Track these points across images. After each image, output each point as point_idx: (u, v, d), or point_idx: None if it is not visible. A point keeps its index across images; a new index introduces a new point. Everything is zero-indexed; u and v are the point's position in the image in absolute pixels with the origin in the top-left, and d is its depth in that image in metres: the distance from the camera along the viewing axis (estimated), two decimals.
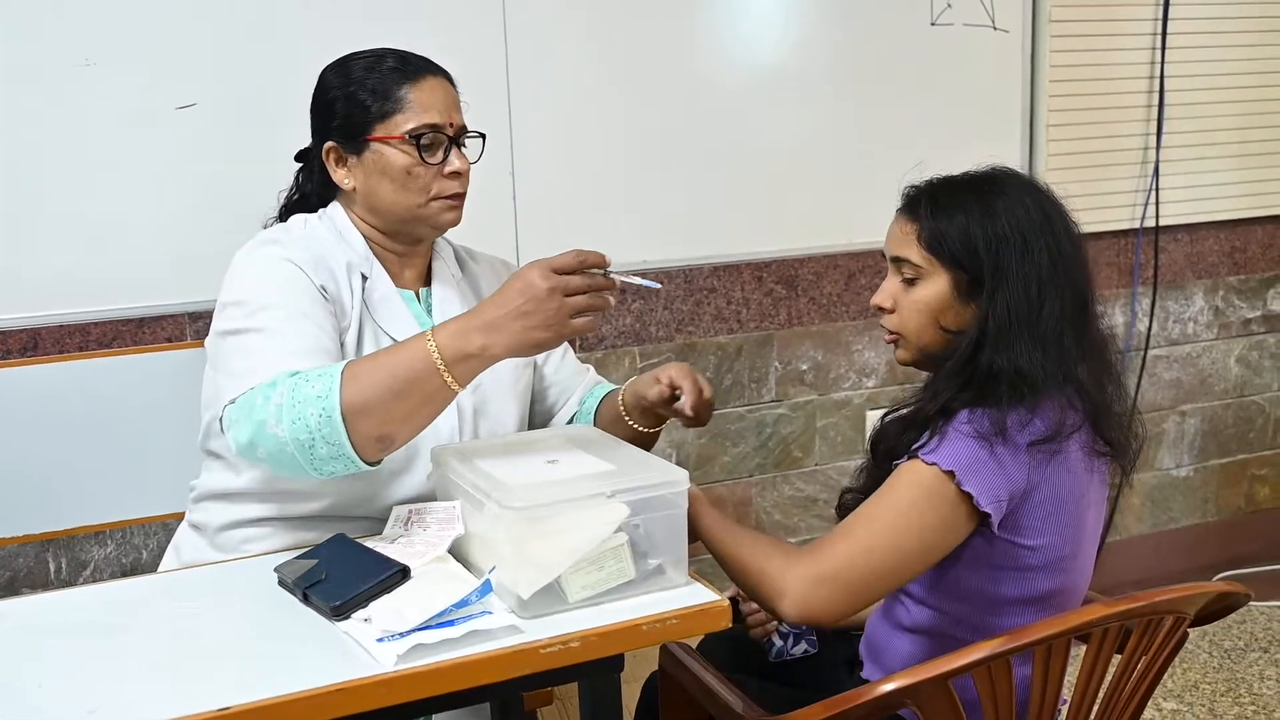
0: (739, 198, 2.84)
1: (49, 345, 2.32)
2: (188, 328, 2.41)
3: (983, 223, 1.51)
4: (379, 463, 1.49)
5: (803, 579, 1.45)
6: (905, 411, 1.57)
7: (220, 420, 1.55)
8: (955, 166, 1.64)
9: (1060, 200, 1.58)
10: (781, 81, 2.85)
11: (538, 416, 1.95)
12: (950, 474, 1.44)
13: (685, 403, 1.70)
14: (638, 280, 1.49)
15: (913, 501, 1.46)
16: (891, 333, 1.61)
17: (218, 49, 2.36)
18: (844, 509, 1.59)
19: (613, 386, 1.96)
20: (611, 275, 1.45)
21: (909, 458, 1.49)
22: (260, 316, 1.56)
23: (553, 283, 1.41)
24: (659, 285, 1.56)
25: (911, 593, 1.61)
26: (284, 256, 1.63)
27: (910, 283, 1.57)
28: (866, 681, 1.65)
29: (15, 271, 2.28)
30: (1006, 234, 1.50)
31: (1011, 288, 1.49)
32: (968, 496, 1.44)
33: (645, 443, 1.80)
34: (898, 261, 1.58)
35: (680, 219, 2.81)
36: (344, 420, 1.41)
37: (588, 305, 1.43)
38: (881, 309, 1.61)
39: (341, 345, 1.64)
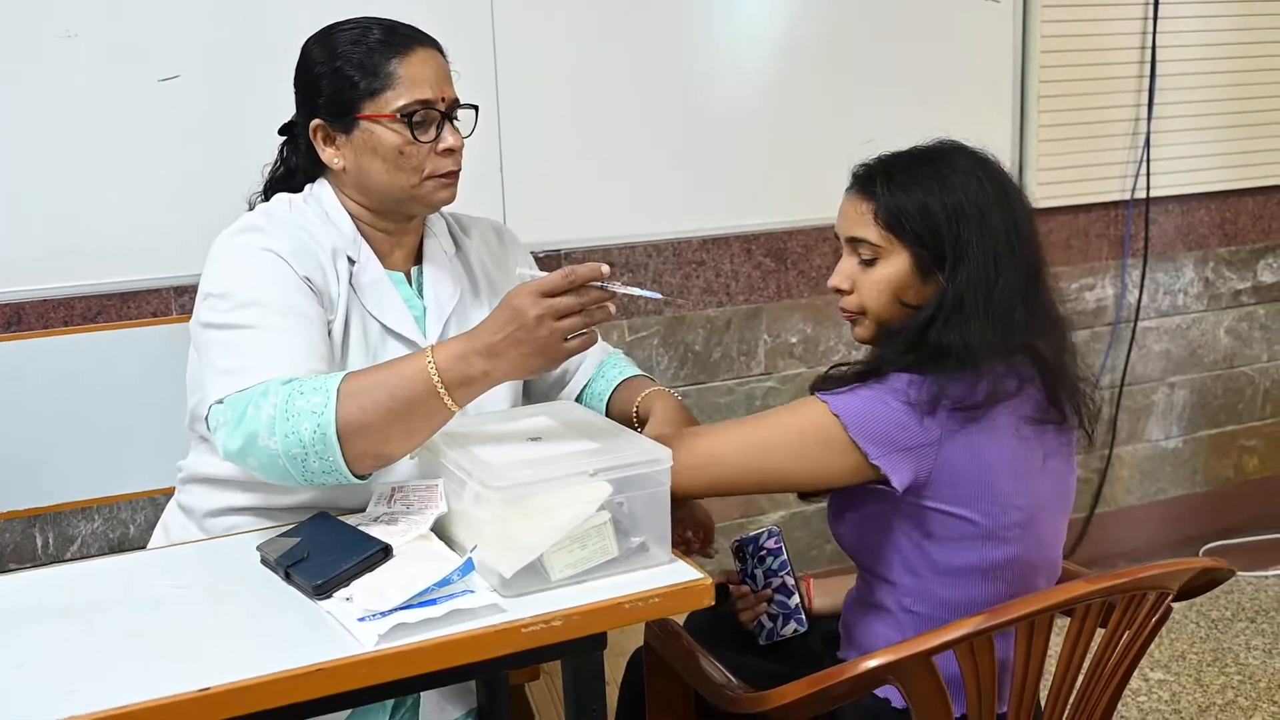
0: (727, 170, 2.83)
1: (33, 320, 2.31)
2: (173, 302, 2.39)
3: (941, 198, 1.50)
4: (368, 477, 1.48)
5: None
6: (846, 369, 1.58)
7: (206, 418, 1.53)
8: (945, 137, 1.62)
9: (1009, 172, 1.57)
10: (771, 53, 2.83)
11: (547, 389, 1.92)
12: (837, 418, 1.46)
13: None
14: (636, 290, 1.45)
15: (787, 425, 1.53)
16: (850, 312, 1.60)
17: (201, 20, 2.33)
18: None
19: (626, 366, 1.92)
20: (609, 287, 1.39)
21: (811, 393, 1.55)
22: (249, 313, 1.53)
23: (540, 310, 1.37)
24: (660, 295, 1.50)
25: (873, 570, 1.62)
26: (266, 246, 1.58)
27: (869, 263, 1.55)
28: (844, 660, 1.66)
29: None
30: (964, 208, 1.49)
31: (972, 262, 1.48)
32: (857, 447, 1.46)
33: None
34: (854, 241, 1.56)
35: (668, 191, 2.79)
36: (339, 438, 1.40)
37: (581, 324, 1.39)
38: (840, 290, 1.59)
39: (329, 335, 1.61)
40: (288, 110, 1.78)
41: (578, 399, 1.92)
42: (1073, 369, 1.55)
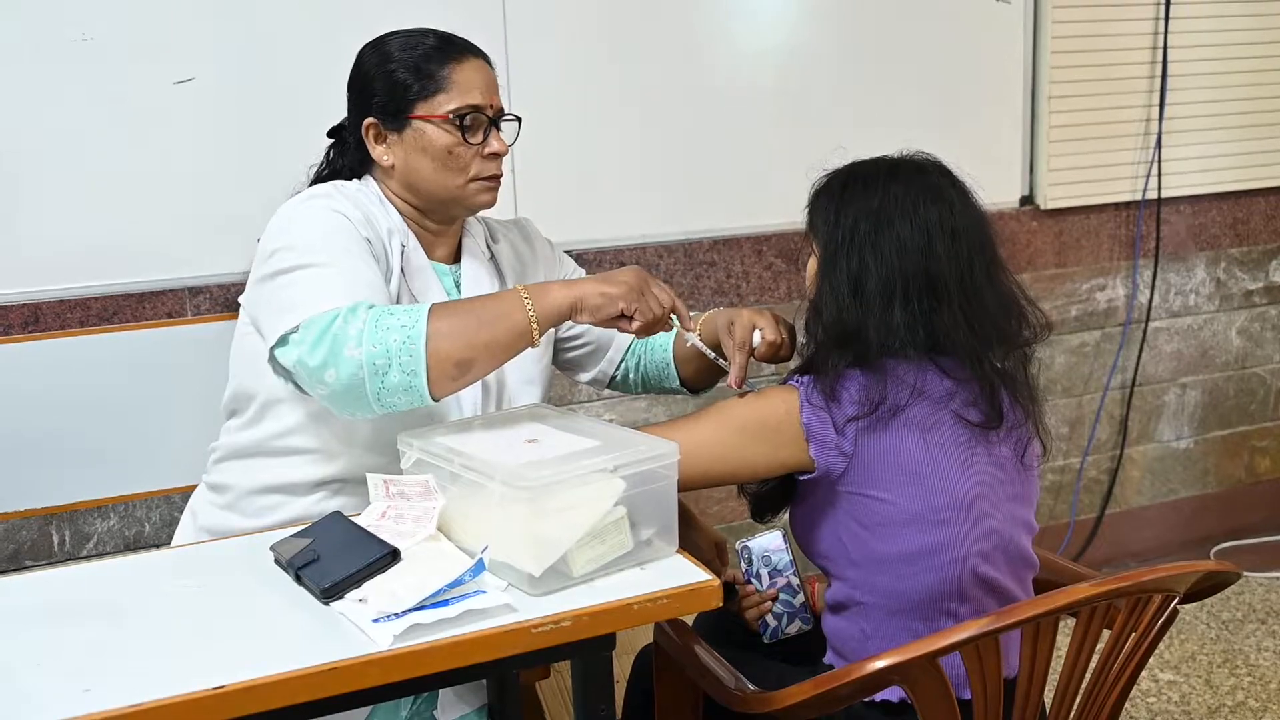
0: (738, 171, 2.84)
1: (50, 320, 2.33)
2: (187, 303, 2.41)
3: (829, 207, 1.64)
4: (439, 399, 1.52)
5: None
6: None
7: (272, 351, 1.56)
8: (956, 138, 1.66)
9: (949, 189, 1.62)
10: (782, 53, 2.84)
11: (580, 369, 2.01)
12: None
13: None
14: (707, 350, 1.75)
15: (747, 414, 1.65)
16: None
17: (215, 23, 2.35)
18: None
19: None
20: (689, 334, 1.71)
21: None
22: (320, 254, 1.57)
23: (645, 274, 1.60)
24: (728, 370, 1.73)
25: (826, 567, 1.68)
26: (335, 209, 1.64)
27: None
28: (829, 661, 1.71)
29: (15, 246, 2.29)
30: (844, 222, 1.61)
31: (837, 266, 1.61)
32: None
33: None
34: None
35: (679, 192, 2.81)
36: (426, 342, 1.46)
37: (651, 315, 1.58)
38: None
39: None
40: (303, 112, 1.81)
41: (634, 371, 2.01)
42: (1013, 374, 1.62)
